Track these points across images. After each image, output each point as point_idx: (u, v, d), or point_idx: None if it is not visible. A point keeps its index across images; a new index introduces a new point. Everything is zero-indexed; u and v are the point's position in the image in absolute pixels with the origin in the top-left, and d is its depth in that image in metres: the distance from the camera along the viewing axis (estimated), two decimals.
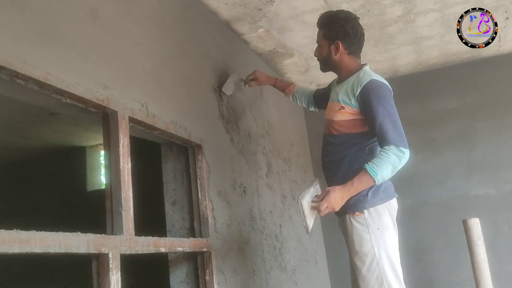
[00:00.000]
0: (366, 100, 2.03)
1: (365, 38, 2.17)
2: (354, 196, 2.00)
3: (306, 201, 1.97)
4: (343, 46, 2.18)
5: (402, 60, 4.02)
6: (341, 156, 2.12)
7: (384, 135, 1.96)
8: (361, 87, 2.06)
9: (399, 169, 1.95)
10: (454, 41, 3.71)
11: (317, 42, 2.30)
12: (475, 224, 3.18)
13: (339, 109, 2.13)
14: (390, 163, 1.91)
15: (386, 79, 4.76)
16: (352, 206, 2.03)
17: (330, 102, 2.26)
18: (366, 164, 1.94)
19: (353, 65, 2.22)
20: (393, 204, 2.09)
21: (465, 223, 3.21)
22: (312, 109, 2.76)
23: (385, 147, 1.94)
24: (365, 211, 2.01)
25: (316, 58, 2.33)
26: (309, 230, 1.98)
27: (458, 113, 4.17)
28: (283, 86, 2.80)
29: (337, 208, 1.97)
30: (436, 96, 4.26)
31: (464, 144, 4.12)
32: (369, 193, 2.01)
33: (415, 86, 4.34)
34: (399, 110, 4.36)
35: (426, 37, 3.61)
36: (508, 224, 3.92)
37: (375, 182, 1.93)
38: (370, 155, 2.06)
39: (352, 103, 2.08)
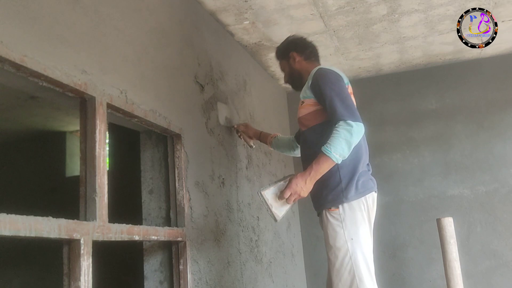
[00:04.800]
0: (317, 87, 2.17)
1: (349, 36, 2.23)
2: (332, 191, 2.08)
3: (270, 191, 2.07)
4: (298, 55, 2.45)
5: (385, 59, 4.06)
6: (314, 150, 2.15)
7: (333, 112, 2.06)
8: (312, 77, 2.23)
9: (355, 142, 2.01)
10: (437, 42, 3.76)
11: (282, 71, 2.59)
12: (449, 223, 3.25)
13: (301, 104, 2.29)
14: (341, 138, 1.98)
15: (369, 77, 4.83)
16: (330, 202, 2.09)
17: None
18: (322, 147, 2.02)
19: (311, 68, 2.35)
20: (370, 199, 2.13)
21: (438, 222, 3.27)
22: (298, 152, 2.73)
23: (336, 125, 2.02)
24: (340, 206, 2.06)
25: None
26: (278, 218, 2.08)
27: (437, 113, 4.24)
28: (265, 137, 2.94)
29: (304, 194, 2.04)
30: (417, 96, 4.31)
31: (442, 145, 4.19)
32: (346, 189, 2.07)
33: (398, 85, 4.39)
34: (381, 108, 4.42)
35: (409, 37, 3.65)
36: (481, 225, 4.00)
37: (333, 160, 1.99)
38: None
39: (308, 94, 2.23)
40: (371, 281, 2.02)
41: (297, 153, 2.75)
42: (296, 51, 2.45)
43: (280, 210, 2.08)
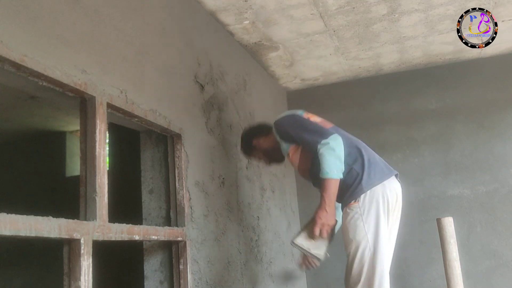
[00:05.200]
0: (284, 135, 2.36)
1: (349, 35, 2.23)
2: (352, 186, 2.18)
3: (301, 237, 2.18)
4: (259, 138, 2.60)
5: (385, 58, 4.06)
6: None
7: (309, 144, 2.22)
8: (276, 132, 2.41)
9: (340, 153, 2.13)
10: (437, 42, 3.76)
11: (259, 161, 2.80)
12: (449, 223, 3.24)
13: (289, 157, 2.40)
14: (328, 157, 2.11)
15: (369, 77, 4.84)
16: (350, 196, 2.18)
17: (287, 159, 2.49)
18: (319, 175, 2.15)
19: (272, 137, 2.50)
20: (392, 192, 2.22)
21: (439, 221, 3.27)
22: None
23: (317, 152, 2.15)
24: (359, 199, 2.14)
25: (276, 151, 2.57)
26: (321, 257, 2.18)
27: (437, 113, 4.23)
28: None
29: (331, 222, 2.14)
30: (417, 96, 4.31)
31: (442, 145, 4.18)
32: (363, 176, 2.17)
33: (398, 85, 4.39)
34: (381, 108, 4.41)
35: (409, 37, 3.65)
36: (481, 225, 4.00)
37: (335, 178, 2.11)
38: None
39: (286, 145, 2.38)
40: (387, 274, 2.12)
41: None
42: (256, 137, 2.62)
43: (319, 248, 2.16)
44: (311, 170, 2.31)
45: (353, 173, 2.20)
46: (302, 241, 2.17)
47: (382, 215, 2.15)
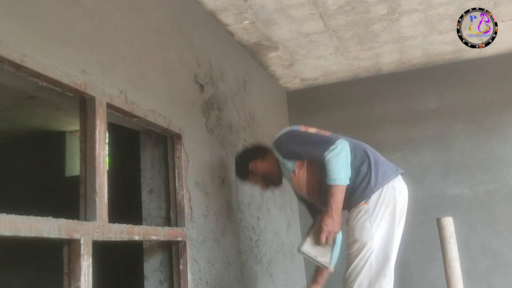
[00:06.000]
0: (288, 153, 2.29)
1: (349, 35, 2.18)
2: (360, 186, 2.17)
3: (307, 244, 2.19)
4: (254, 161, 2.48)
5: (385, 58, 4.06)
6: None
7: (316, 156, 2.18)
8: (278, 153, 2.34)
9: (346, 157, 2.13)
10: (436, 42, 3.76)
11: (256, 184, 2.63)
12: (449, 223, 3.23)
13: (295, 175, 2.32)
14: (336, 163, 2.08)
15: (369, 77, 4.84)
16: (358, 197, 2.17)
17: (292, 180, 2.39)
18: (326, 180, 2.13)
19: (270, 159, 2.45)
20: (398, 189, 2.20)
21: (438, 221, 3.26)
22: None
23: (325, 161, 2.13)
24: (369, 200, 2.14)
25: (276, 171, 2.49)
26: (327, 265, 2.18)
27: (437, 113, 4.23)
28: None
29: (338, 228, 2.14)
30: (417, 95, 4.31)
31: (442, 144, 4.18)
32: (372, 176, 2.16)
33: (397, 85, 4.39)
34: (380, 107, 4.43)
35: (409, 37, 3.65)
36: (481, 224, 4.00)
37: (342, 184, 2.10)
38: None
39: (291, 164, 2.31)
40: (390, 276, 2.14)
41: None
42: (251, 160, 2.50)
43: (325, 255, 2.18)
44: (320, 182, 2.24)
45: (361, 175, 2.19)
46: (309, 248, 2.19)
47: (391, 218, 2.14)
